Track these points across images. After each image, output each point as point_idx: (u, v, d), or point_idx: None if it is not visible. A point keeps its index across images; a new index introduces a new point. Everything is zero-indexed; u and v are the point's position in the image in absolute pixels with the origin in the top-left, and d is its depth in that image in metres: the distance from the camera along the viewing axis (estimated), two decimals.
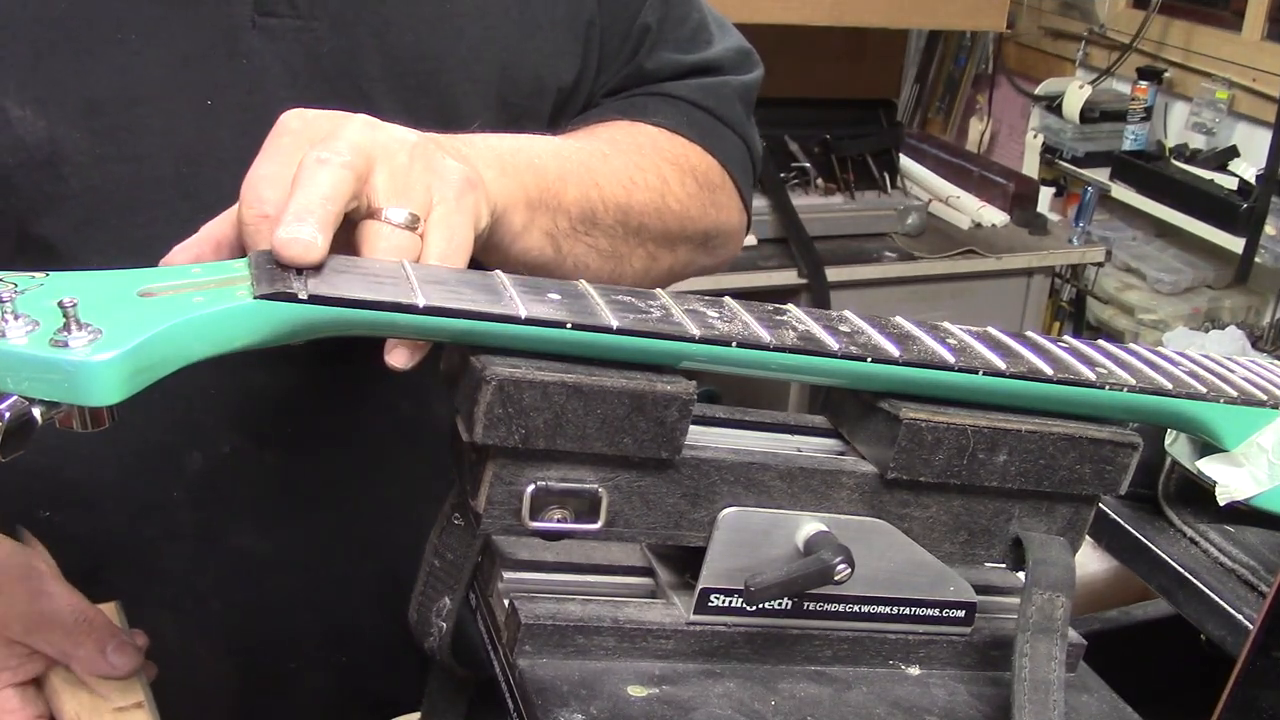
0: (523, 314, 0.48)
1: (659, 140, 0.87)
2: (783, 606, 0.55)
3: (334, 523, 0.83)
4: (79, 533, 0.77)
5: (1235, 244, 2.77)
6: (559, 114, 0.87)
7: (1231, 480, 0.65)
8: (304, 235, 0.51)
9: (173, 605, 0.81)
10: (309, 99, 0.73)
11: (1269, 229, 2.73)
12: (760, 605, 0.54)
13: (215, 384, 0.76)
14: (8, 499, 0.75)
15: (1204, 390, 0.61)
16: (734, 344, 0.51)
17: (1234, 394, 0.62)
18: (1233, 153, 2.97)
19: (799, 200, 2.43)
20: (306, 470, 0.81)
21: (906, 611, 0.57)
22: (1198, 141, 3.10)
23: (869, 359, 0.53)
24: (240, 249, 0.56)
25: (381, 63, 0.76)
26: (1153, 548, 0.74)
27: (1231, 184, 2.84)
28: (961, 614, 0.58)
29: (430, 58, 0.78)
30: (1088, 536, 0.61)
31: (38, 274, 0.47)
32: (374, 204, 0.57)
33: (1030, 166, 3.39)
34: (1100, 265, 2.84)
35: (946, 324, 0.59)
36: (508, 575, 0.55)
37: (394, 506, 0.83)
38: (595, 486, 0.51)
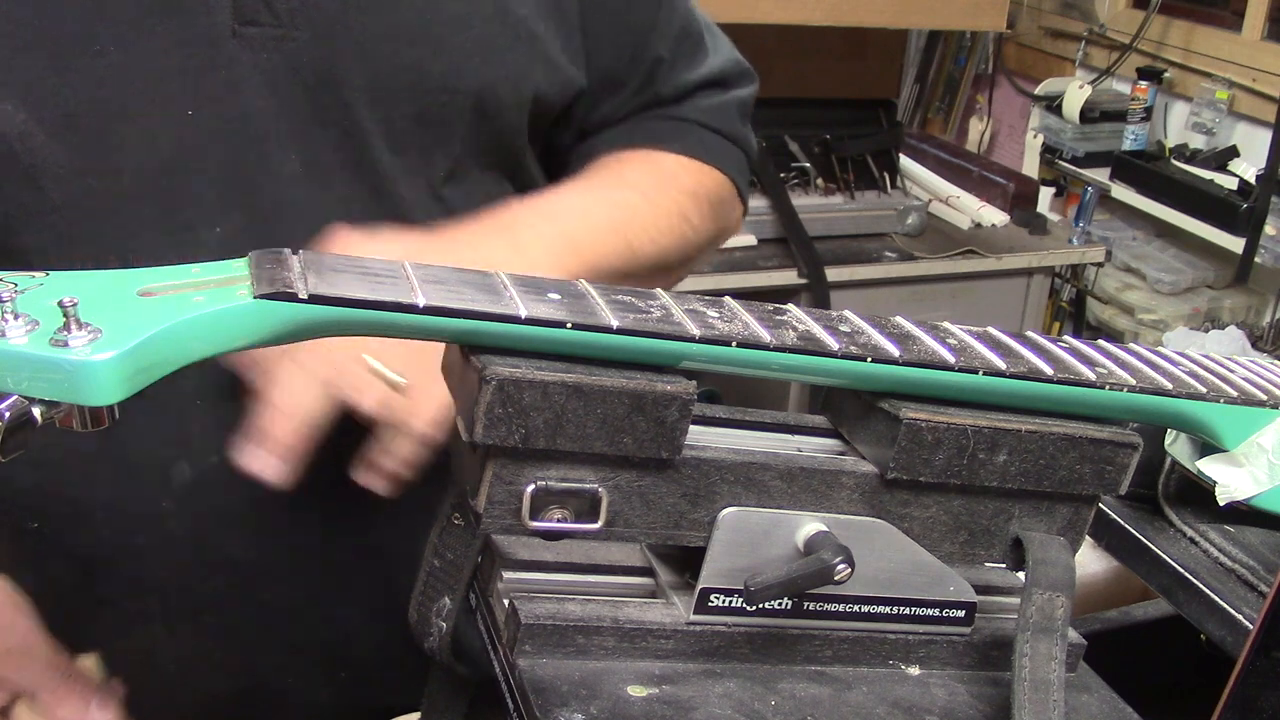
0: (523, 314, 0.48)
1: (678, 173, 0.93)
2: (783, 606, 0.55)
3: (327, 531, 0.82)
4: (70, 546, 0.77)
5: (1235, 244, 2.77)
6: (539, 121, 0.88)
7: (1231, 480, 0.65)
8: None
9: (168, 617, 0.80)
10: (289, 109, 0.73)
11: (1269, 229, 2.73)
12: (760, 605, 0.54)
13: (202, 394, 0.76)
14: None
15: (1204, 390, 0.60)
16: (734, 344, 0.50)
17: (1234, 394, 0.62)
18: (1233, 153, 2.97)
19: (799, 200, 2.43)
20: (296, 479, 0.80)
21: (906, 611, 0.57)
22: (1198, 141, 3.10)
23: (869, 359, 0.53)
24: None
25: (362, 73, 0.76)
26: (1153, 548, 0.74)
27: (1231, 184, 2.84)
28: (961, 614, 0.58)
29: (410, 68, 0.78)
30: (1088, 536, 0.60)
31: (38, 273, 0.47)
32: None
33: (1030, 166, 3.39)
34: (1100, 265, 2.84)
35: (946, 324, 0.58)
36: (508, 575, 0.55)
37: (386, 513, 0.82)
38: (595, 486, 0.51)
